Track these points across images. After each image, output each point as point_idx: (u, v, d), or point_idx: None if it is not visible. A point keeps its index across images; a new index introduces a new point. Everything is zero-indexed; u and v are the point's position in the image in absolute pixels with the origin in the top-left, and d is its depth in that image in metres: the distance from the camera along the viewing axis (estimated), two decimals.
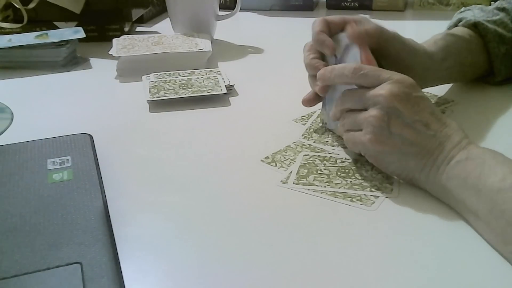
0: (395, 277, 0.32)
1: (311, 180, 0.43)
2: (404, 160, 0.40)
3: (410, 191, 0.41)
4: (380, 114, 0.40)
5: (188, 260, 0.34)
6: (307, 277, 0.32)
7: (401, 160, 0.40)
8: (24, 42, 0.73)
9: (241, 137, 0.52)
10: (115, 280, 0.31)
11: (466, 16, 0.59)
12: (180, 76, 0.65)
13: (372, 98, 0.41)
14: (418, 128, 0.39)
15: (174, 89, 0.60)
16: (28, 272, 0.32)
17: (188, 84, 0.62)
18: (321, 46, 0.49)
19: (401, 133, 0.39)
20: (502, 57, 0.58)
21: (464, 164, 0.37)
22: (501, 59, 0.58)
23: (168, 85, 0.62)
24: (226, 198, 0.41)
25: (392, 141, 0.40)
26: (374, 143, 0.40)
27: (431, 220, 0.37)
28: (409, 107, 0.40)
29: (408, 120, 0.39)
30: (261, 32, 0.95)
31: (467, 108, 0.56)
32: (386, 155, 0.41)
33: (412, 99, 0.40)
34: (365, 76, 0.42)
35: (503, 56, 0.58)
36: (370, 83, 0.42)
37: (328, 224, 0.37)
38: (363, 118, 0.41)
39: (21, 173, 0.43)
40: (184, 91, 0.60)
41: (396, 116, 0.39)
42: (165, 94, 0.59)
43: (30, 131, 0.53)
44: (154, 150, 0.49)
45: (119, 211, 0.39)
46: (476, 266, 0.33)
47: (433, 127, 0.40)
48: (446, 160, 0.38)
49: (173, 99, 0.59)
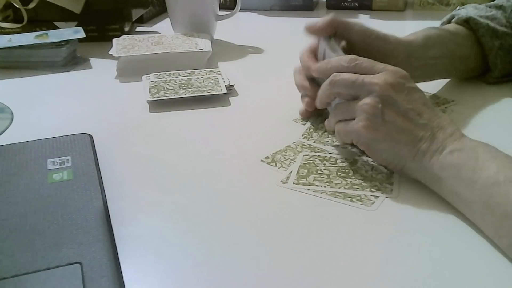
0: (395, 277, 0.32)
1: (311, 180, 0.43)
2: (396, 147, 0.40)
3: (410, 191, 0.41)
4: (374, 102, 0.40)
5: (188, 260, 0.34)
6: (307, 277, 0.32)
7: (394, 147, 0.41)
8: (24, 42, 0.73)
9: (241, 137, 0.52)
10: (115, 280, 0.31)
11: (459, 13, 0.60)
12: (180, 76, 0.65)
13: (367, 87, 0.41)
14: (411, 116, 0.40)
15: (174, 89, 0.60)
16: (28, 272, 0.32)
17: (188, 84, 0.62)
18: (307, 71, 0.51)
19: (394, 120, 0.40)
20: (496, 51, 0.58)
21: (457, 154, 0.37)
22: (496, 53, 0.58)
23: (168, 85, 0.62)
24: (226, 198, 0.41)
25: (386, 128, 0.40)
26: (367, 130, 0.41)
27: (430, 220, 0.37)
28: (403, 96, 0.41)
29: (401, 108, 0.40)
30: (261, 32, 0.95)
31: (468, 108, 0.56)
32: (378, 143, 0.41)
33: (406, 89, 0.41)
34: (360, 66, 0.43)
35: (498, 50, 0.58)
36: (365, 72, 0.42)
37: (328, 224, 0.37)
38: (357, 107, 0.41)
39: (21, 173, 0.43)
40: (184, 91, 0.60)
41: (390, 104, 0.40)
42: (165, 94, 0.59)
43: (30, 131, 0.53)
44: (154, 150, 0.49)
45: (119, 211, 0.39)
46: (476, 265, 0.33)
47: (426, 116, 0.40)
48: (439, 150, 0.39)
49: (173, 99, 0.59)
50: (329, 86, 0.45)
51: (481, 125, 0.52)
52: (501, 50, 0.58)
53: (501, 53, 0.58)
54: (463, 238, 0.36)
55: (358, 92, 0.42)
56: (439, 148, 0.39)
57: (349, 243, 0.35)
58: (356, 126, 0.41)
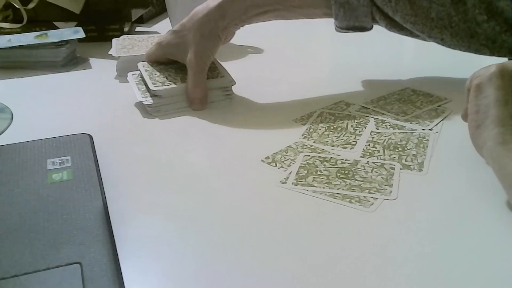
0: (393, 279, 0.32)
1: (310, 181, 0.43)
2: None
3: (409, 193, 0.41)
4: None
5: (188, 260, 0.34)
6: (306, 277, 0.32)
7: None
8: (24, 42, 0.73)
9: (241, 137, 0.52)
10: (115, 280, 0.31)
11: None
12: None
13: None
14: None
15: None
16: (28, 272, 0.32)
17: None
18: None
19: None
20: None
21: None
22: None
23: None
24: (225, 198, 0.41)
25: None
26: None
27: (429, 223, 0.38)
28: None
29: None
30: (261, 32, 0.95)
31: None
32: None
33: None
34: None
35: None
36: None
37: (326, 225, 0.38)
38: None
39: (21, 173, 0.43)
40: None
41: None
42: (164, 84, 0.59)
43: (30, 131, 0.53)
44: (154, 150, 0.49)
45: (119, 211, 0.39)
46: (476, 265, 0.33)
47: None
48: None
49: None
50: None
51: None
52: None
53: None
54: (462, 240, 0.36)
55: None
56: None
57: (347, 244, 0.35)
58: None
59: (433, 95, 0.59)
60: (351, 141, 0.50)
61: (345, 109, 0.57)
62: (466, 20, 0.55)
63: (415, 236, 0.36)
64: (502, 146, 0.38)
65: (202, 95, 0.58)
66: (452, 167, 0.45)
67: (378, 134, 0.51)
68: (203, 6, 0.58)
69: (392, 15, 0.57)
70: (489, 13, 0.54)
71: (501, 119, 0.39)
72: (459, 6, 0.55)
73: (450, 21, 0.56)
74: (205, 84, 0.58)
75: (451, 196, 0.41)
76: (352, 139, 0.50)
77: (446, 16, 0.55)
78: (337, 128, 0.52)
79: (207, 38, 0.57)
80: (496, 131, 0.39)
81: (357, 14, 0.58)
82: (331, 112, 0.56)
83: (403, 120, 0.53)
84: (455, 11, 0.55)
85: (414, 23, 0.57)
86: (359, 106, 0.57)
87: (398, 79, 0.64)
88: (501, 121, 0.39)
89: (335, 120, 0.54)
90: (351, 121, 0.54)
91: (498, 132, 0.39)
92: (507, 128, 0.39)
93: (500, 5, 0.53)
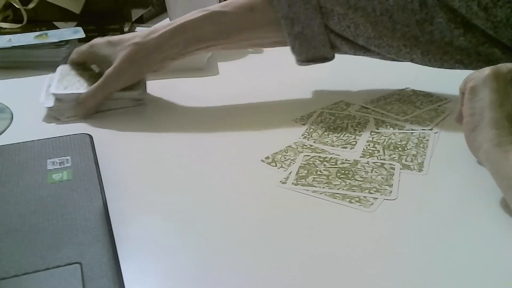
0: (393, 279, 0.32)
1: (310, 181, 0.43)
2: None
3: (409, 193, 0.41)
4: None
5: (188, 260, 0.34)
6: (305, 277, 0.32)
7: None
8: (24, 42, 0.73)
9: (241, 137, 0.52)
10: (115, 280, 0.31)
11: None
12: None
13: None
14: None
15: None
16: (28, 272, 0.32)
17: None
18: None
19: None
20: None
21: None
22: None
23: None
24: (225, 198, 0.41)
25: None
26: None
27: (429, 223, 0.38)
28: None
29: None
30: None
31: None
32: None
33: None
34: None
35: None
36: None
37: (326, 225, 0.38)
38: None
39: (21, 173, 0.43)
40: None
41: None
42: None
43: (29, 131, 0.53)
44: (154, 150, 0.49)
45: (119, 211, 0.39)
46: (476, 266, 0.33)
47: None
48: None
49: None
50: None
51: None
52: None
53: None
54: (461, 240, 0.36)
55: None
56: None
57: (347, 244, 0.35)
58: None
59: (433, 95, 0.59)
60: (351, 141, 0.50)
61: (345, 109, 0.57)
62: (434, 41, 0.52)
63: (415, 236, 0.36)
64: (498, 147, 0.38)
65: (92, 105, 0.56)
66: (452, 167, 0.45)
67: (378, 134, 0.51)
68: (146, 32, 0.56)
69: (354, 39, 0.55)
70: (465, 26, 0.51)
71: (496, 121, 0.39)
72: (425, 26, 0.52)
73: (417, 42, 0.53)
74: (102, 100, 0.56)
75: (451, 196, 0.41)
76: (352, 139, 0.50)
77: (412, 37, 0.53)
78: (337, 128, 0.52)
79: (135, 65, 0.55)
80: (492, 133, 0.39)
81: (314, 45, 0.56)
82: (331, 112, 0.56)
83: (403, 120, 0.53)
84: (421, 31, 0.52)
85: (379, 46, 0.54)
86: (359, 106, 0.57)
87: (398, 79, 0.64)
88: (496, 123, 0.39)
89: (335, 120, 0.54)
90: (351, 121, 0.54)
91: (494, 134, 0.39)
92: (503, 129, 0.39)
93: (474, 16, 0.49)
